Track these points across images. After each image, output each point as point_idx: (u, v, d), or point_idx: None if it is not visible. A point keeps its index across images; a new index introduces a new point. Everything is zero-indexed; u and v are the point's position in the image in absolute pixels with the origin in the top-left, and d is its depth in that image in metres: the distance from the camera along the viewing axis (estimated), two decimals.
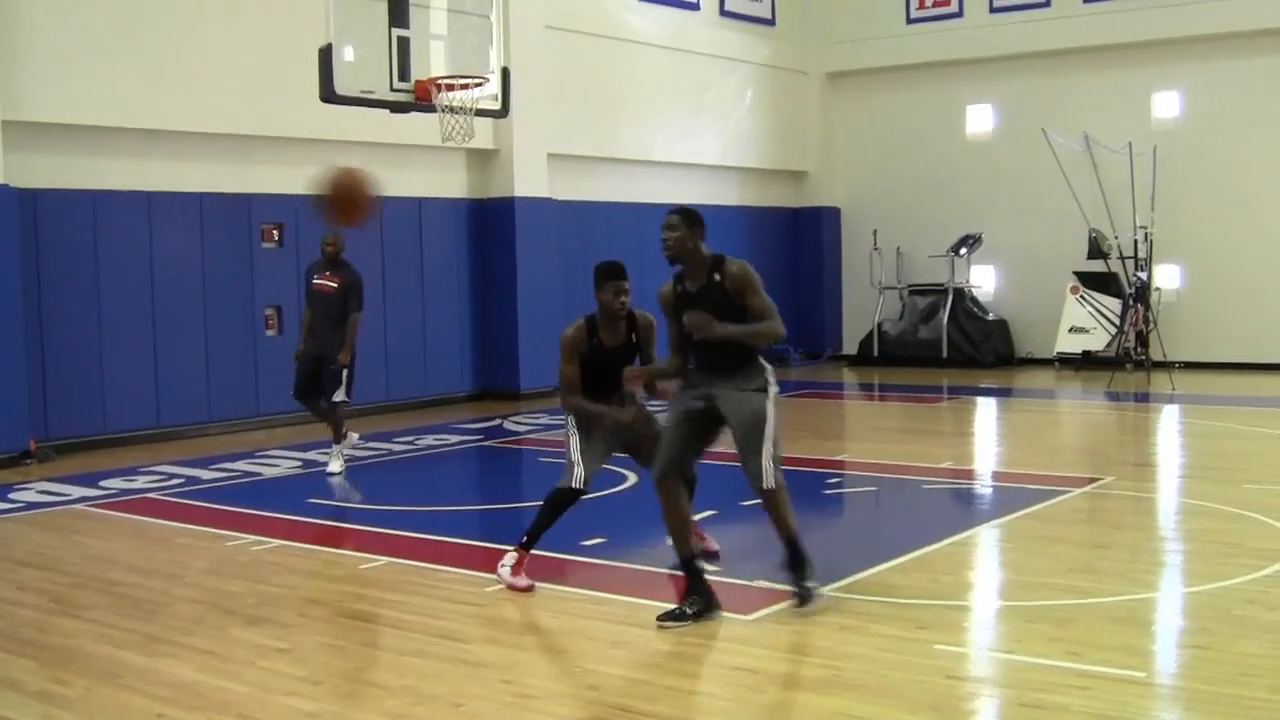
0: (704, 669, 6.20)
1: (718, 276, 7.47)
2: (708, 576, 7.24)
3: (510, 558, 7.77)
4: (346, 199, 8.09)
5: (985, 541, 9.11)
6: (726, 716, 5.64)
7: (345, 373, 12.11)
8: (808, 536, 7.73)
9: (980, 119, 22.54)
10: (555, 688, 5.96)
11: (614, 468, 11.64)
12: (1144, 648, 6.51)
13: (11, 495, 11.40)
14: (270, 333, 15.19)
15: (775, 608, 7.10)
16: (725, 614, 7.04)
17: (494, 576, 7.81)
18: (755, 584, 7.66)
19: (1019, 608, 7.34)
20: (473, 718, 5.57)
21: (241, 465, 12.78)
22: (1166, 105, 20.83)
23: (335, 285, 12.16)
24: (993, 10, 22.05)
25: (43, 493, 11.53)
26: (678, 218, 7.53)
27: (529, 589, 7.62)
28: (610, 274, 8.08)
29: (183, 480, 12.03)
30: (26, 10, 13.35)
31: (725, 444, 7.72)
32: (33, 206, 13.54)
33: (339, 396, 12.15)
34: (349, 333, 12.16)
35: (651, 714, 5.56)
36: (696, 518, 8.10)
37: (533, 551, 7.82)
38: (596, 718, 5.55)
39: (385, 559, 8.62)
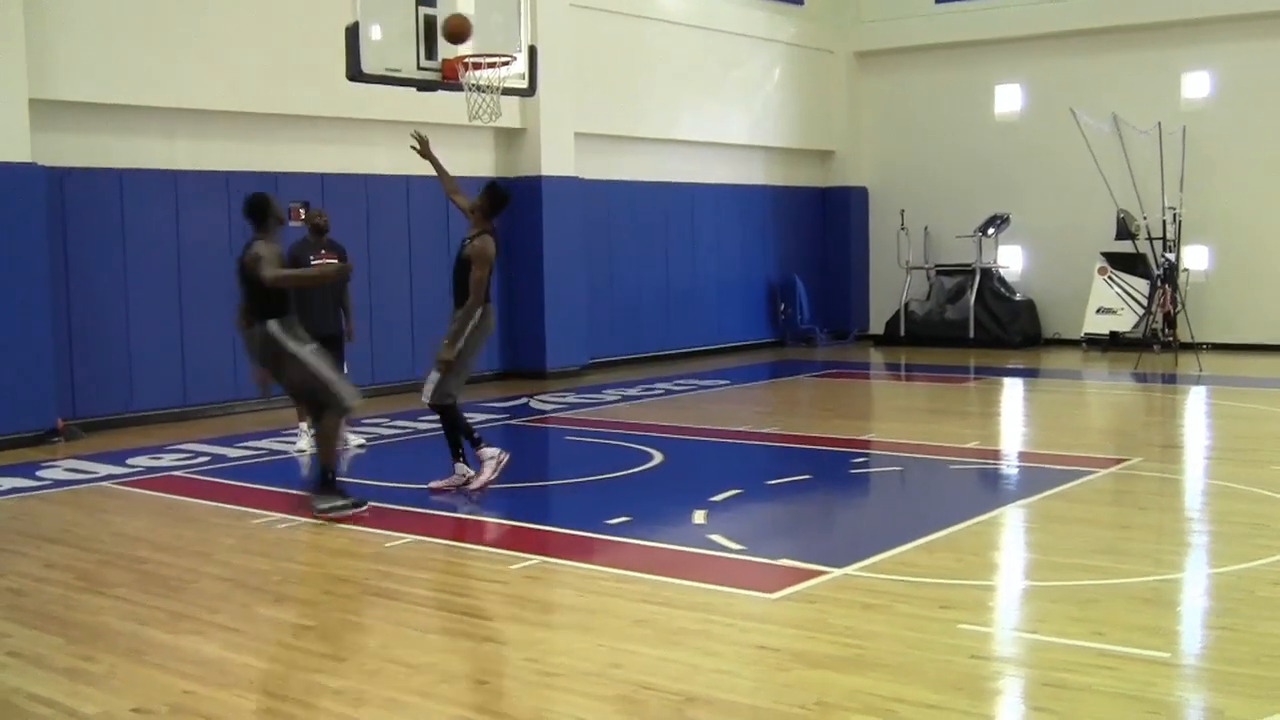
0: (727, 647, 6.20)
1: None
2: None
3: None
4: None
5: (1010, 521, 9.08)
6: (749, 695, 5.63)
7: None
8: (833, 515, 7.77)
9: (1009, 99, 22.43)
10: (579, 665, 5.96)
11: (641, 446, 11.70)
12: (1168, 628, 6.48)
13: (39, 473, 11.46)
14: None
15: (800, 586, 7.10)
16: (750, 592, 7.05)
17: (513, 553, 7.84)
18: (779, 563, 7.65)
19: (1043, 587, 7.33)
20: (496, 695, 5.59)
21: (267, 443, 12.81)
22: (1196, 85, 20.69)
23: (335, 261, 12.09)
24: None
25: (70, 470, 11.59)
26: None
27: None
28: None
29: (209, 458, 12.08)
30: None
31: (745, 425, 7.71)
32: (60, 185, 13.58)
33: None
34: (351, 306, 12.67)
35: (674, 692, 5.56)
36: (722, 496, 8.15)
37: (560, 530, 7.82)
38: (620, 695, 5.55)
39: (411, 537, 8.64)
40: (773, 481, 10.47)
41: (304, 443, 12.31)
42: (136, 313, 14.26)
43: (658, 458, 11.45)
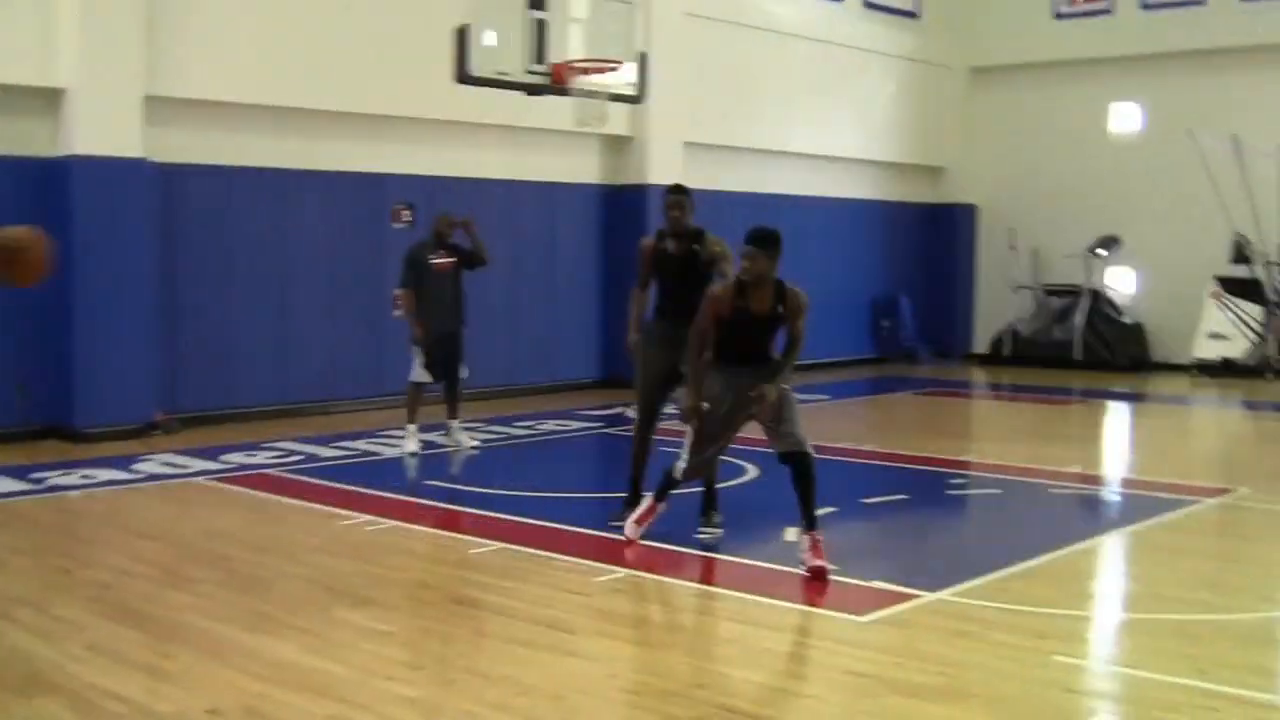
0: (814, 670, 6.05)
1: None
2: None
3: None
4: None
5: (1111, 550, 8.83)
6: None
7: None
8: (929, 537, 7.55)
9: (1124, 118, 21.96)
10: (660, 684, 5.82)
11: (736, 460, 11.54)
12: (1277, 669, 6.21)
13: (135, 466, 11.53)
14: (398, 314, 15.18)
15: (891, 610, 6.91)
16: (839, 614, 6.88)
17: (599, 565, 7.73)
18: (871, 584, 7.47)
19: (1143, 620, 7.09)
20: (573, 712, 5.46)
21: (362, 444, 12.82)
22: None
23: (454, 260, 12.37)
24: (1144, 7, 21.45)
25: (165, 464, 11.65)
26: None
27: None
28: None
29: (302, 457, 12.10)
30: None
31: (843, 441, 7.55)
32: (170, 181, 13.69)
33: (420, 376, 12.54)
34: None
35: (757, 716, 5.42)
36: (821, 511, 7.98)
37: (648, 543, 7.70)
38: (700, 717, 5.40)
39: (497, 544, 8.54)
40: (868, 500, 10.28)
41: (413, 444, 12.35)
42: (239, 309, 14.35)
43: (753, 472, 11.28)
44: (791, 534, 8.53)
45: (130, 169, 13.03)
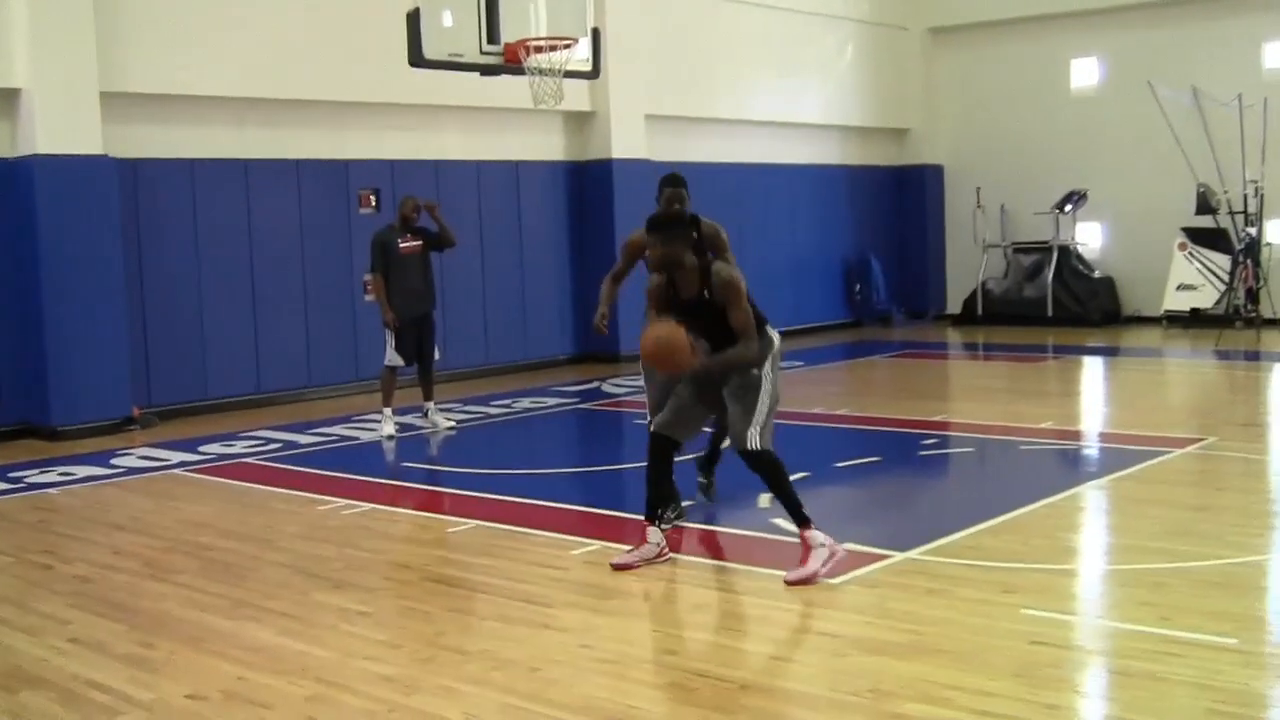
0: (786, 633, 6.14)
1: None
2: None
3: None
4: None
5: (1081, 503, 8.93)
6: (806, 682, 5.58)
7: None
8: (900, 498, 7.66)
9: (1085, 73, 22.08)
10: (633, 652, 5.92)
11: (707, 429, 11.57)
12: (1239, 614, 6.30)
13: (114, 461, 11.61)
14: (369, 298, 15.22)
15: (861, 571, 7.01)
16: None
17: (574, 539, 7.81)
18: (843, 546, 7.55)
19: (1111, 571, 7.22)
20: (549, 683, 5.55)
21: (338, 430, 12.89)
22: (1278, 55, 20.23)
23: (421, 243, 12.47)
24: None
25: (144, 458, 11.72)
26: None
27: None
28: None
29: (280, 445, 12.17)
30: None
31: (818, 406, 7.61)
32: (133, 176, 13.73)
33: (392, 359, 12.66)
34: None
35: (729, 679, 5.51)
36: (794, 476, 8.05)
37: (623, 514, 7.76)
38: (673, 683, 5.51)
39: (475, 523, 8.64)
40: (841, 464, 10.37)
41: (389, 428, 12.43)
42: (210, 301, 14.40)
43: (725, 441, 11.36)
44: (765, 500, 8.63)
45: (92, 166, 13.05)
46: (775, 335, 7.50)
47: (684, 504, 8.51)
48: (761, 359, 7.25)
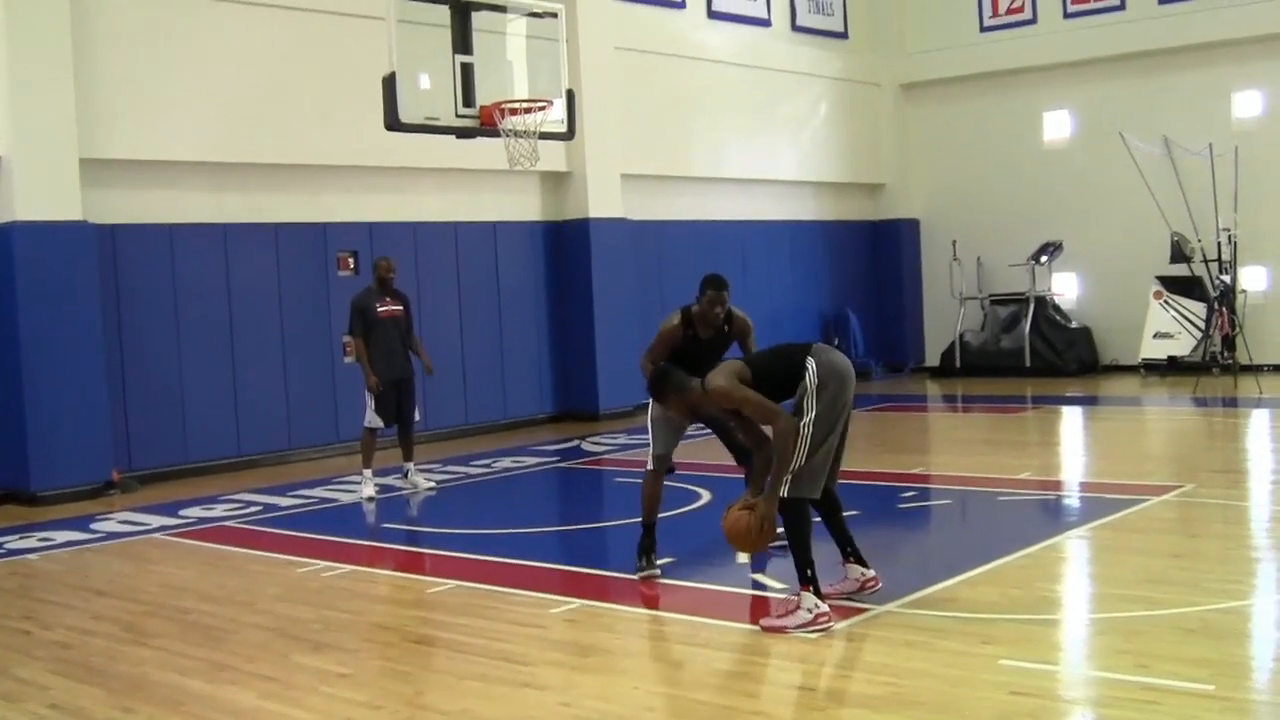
0: (764, 688, 6.15)
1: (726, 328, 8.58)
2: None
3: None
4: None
5: (1059, 553, 8.96)
6: None
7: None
8: (879, 551, 7.68)
9: (1057, 125, 22.29)
10: (612, 709, 5.92)
11: (691, 486, 11.65)
12: (1215, 660, 6.34)
13: (93, 525, 11.59)
14: (348, 360, 15.26)
15: (840, 625, 7.02)
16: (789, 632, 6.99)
17: (554, 597, 7.83)
18: (831, 621, 7.57)
19: (1088, 620, 7.25)
20: None
21: (319, 492, 12.89)
22: (1247, 105, 20.45)
23: (400, 309, 12.52)
24: (1066, 15, 21.80)
25: (124, 522, 11.71)
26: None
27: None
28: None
29: (260, 508, 12.17)
30: (101, 51, 13.60)
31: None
32: (111, 241, 13.78)
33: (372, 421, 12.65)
34: (424, 350, 12.94)
35: None
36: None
37: (603, 573, 7.77)
38: None
39: (454, 582, 8.65)
40: (819, 519, 10.37)
41: (370, 489, 12.44)
42: (189, 365, 14.41)
43: (706, 497, 11.41)
44: (743, 556, 8.66)
45: (71, 231, 13.11)
46: (811, 364, 7.32)
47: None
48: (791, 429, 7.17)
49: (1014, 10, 22.43)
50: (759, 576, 8.28)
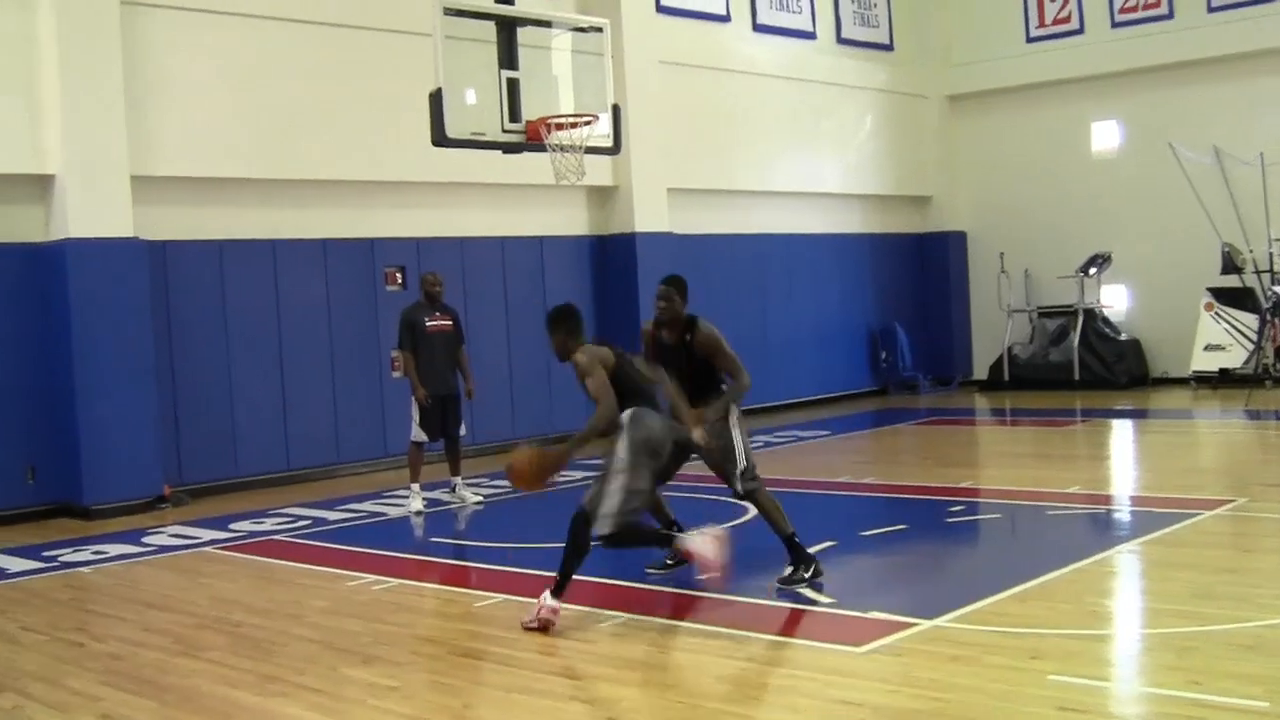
0: (808, 702, 6.13)
1: (688, 337, 8.62)
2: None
3: None
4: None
5: (1109, 568, 8.90)
6: None
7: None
8: (926, 566, 7.65)
9: (1105, 136, 22.16)
10: None
11: (735, 500, 11.61)
12: (1269, 677, 6.27)
13: (145, 539, 11.70)
14: (396, 374, 15.34)
15: (887, 639, 7.01)
16: (835, 646, 6.97)
17: (601, 611, 7.83)
18: (868, 615, 7.57)
19: (1139, 636, 7.20)
20: None
21: (367, 506, 12.96)
22: None
23: (450, 323, 12.55)
24: (1114, 25, 21.68)
25: (175, 536, 11.82)
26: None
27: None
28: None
29: (309, 521, 12.24)
30: (151, 70, 13.75)
31: (844, 475, 7.63)
32: (162, 257, 13.91)
33: (418, 435, 12.66)
34: (469, 367, 12.90)
35: None
36: (816, 549, 8.20)
37: (649, 587, 7.79)
38: None
39: (502, 596, 8.68)
40: (867, 533, 10.37)
41: (418, 503, 12.49)
42: (239, 380, 14.53)
43: (752, 511, 11.35)
44: (788, 571, 8.65)
45: (123, 248, 13.25)
46: (625, 417, 8.01)
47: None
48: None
49: (1060, 20, 22.33)
50: (805, 590, 8.26)
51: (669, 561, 8.97)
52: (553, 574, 7.83)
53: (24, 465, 13.17)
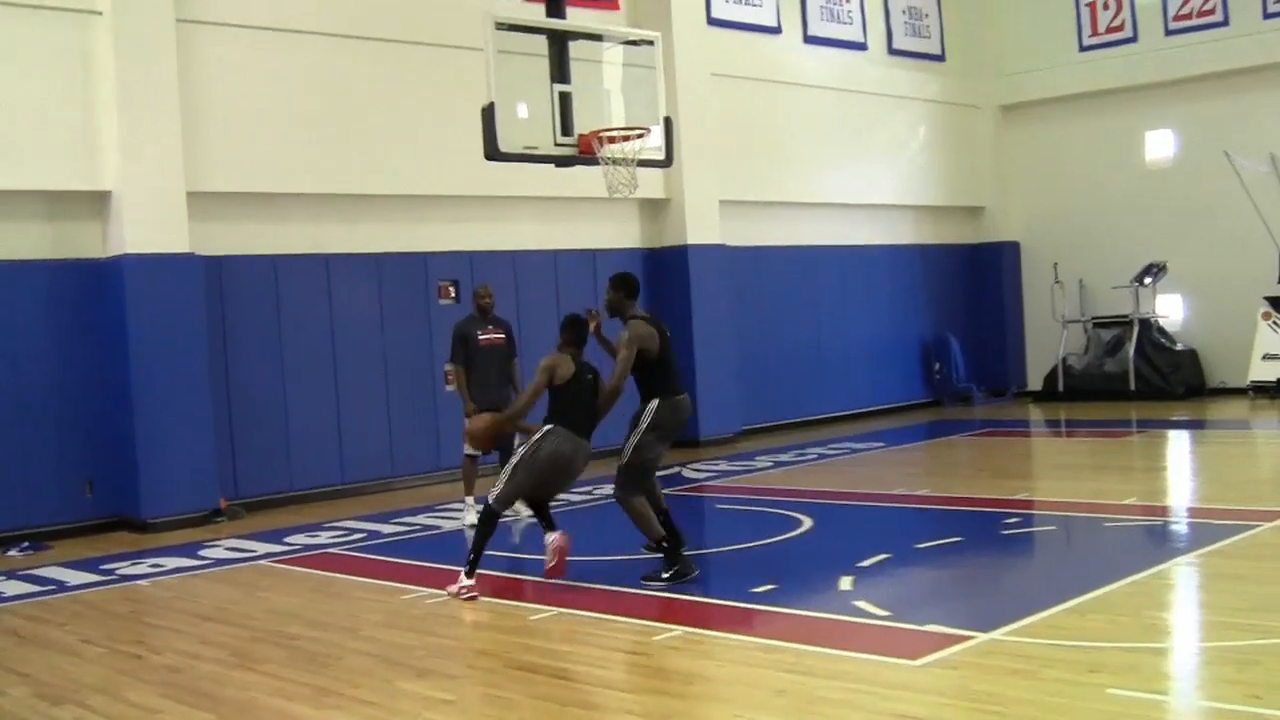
0: (865, 716, 6.10)
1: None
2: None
3: None
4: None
5: (1167, 580, 8.82)
6: None
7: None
8: (982, 578, 7.58)
9: (1160, 144, 21.98)
10: None
11: (792, 513, 11.63)
12: None
13: (201, 552, 11.79)
14: (449, 388, 15.37)
15: (944, 652, 6.97)
16: (892, 659, 6.93)
17: (656, 624, 7.84)
18: (924, 628, 7.53)
19: (1198, 649, 7.12)
20: None
21: (421, 519, 13.00)
22: None
23: (502, 337, 12.54)
24: (1168, 33, 21.53)
25: (230, 549, 11.90)
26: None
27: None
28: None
29: (364, 535, 12.30)
30: (206, 87, 13.89)
31: (898, 487, 7.60)
32: (218, 272, 14.04)
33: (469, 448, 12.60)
34: (520, 380, 12.74)
35: None
36: (870, 561, 8.13)
37: (705, 600, 7.77)
38: None
39: (556, 609, 8.68)
40: (922, 545, 10.32)
41: (472, 516, 12.51)
42: (294, 394, 14.63)
43: (807, 523, 11.37)
44: (846, 583, 8.63)
45: (179, 264, 13.37)
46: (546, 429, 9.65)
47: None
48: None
49: (1114, 29, 22.18)
50: (861, 603, 8.22)
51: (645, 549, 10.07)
52: (612, 588, 7.82)
53: (83, 479, 13.32)
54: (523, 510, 12.78)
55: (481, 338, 12.60)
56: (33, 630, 9.07)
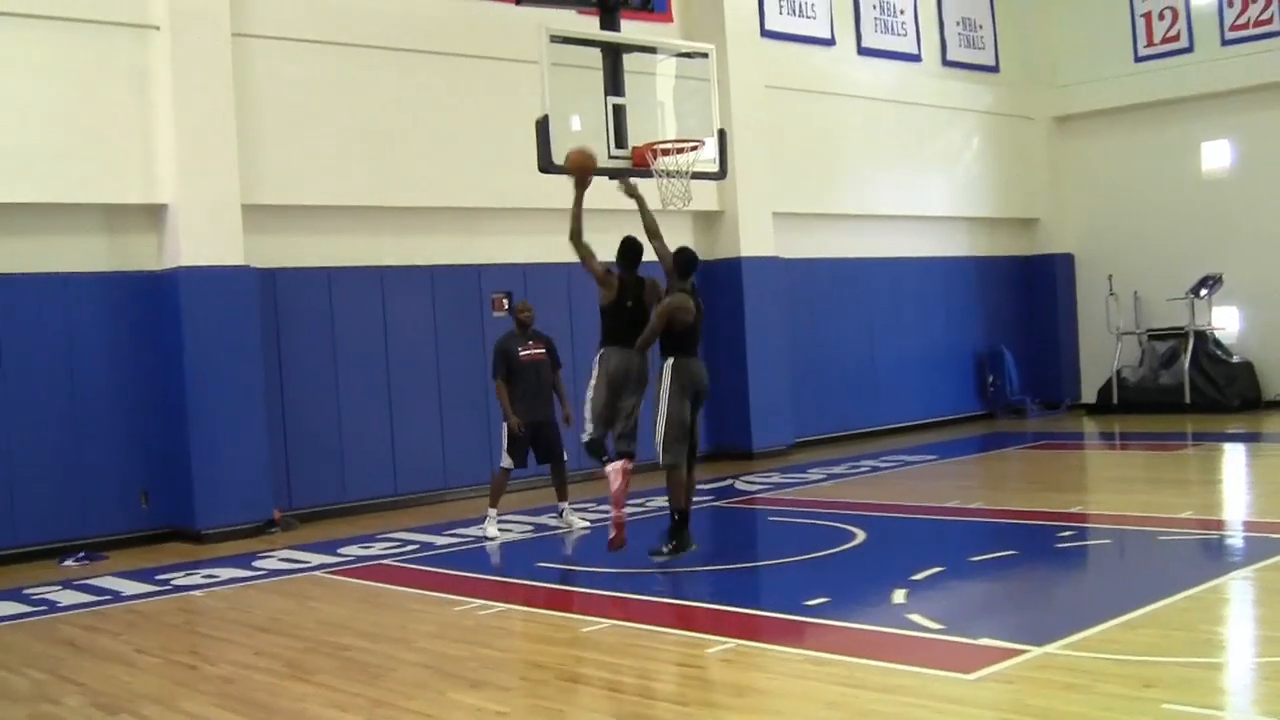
0: None
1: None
2: None
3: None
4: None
5: (1223, 594, 8.74)
6: None
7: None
8: (1036, 592, 7.53)
9: (1216, 155, 21.79)
10: None
11: (845, 525, 11.60)
12: None
13: (255, 563, 11.87)
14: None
15: (998, 666, 6.93)
16: (947, 673, 6.89)
17: (709, 636, 7.84)
18: (978, 642, 7.49)
19: (1254, 664, 7.06)
20: None
21: (474, 531, 13.02)
22: None
23: (543, 351, 12.60)
24: (1225, 43, 21.36)
25: (284, 560, 11.97)
26: None
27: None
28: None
29: (416, 546, 12.35)
30: (261, 101, 14.01)
31: (952, 500, 7.57)
32: (272, 284, 14.14)
33: (506, 462, 12.71)
34: (565, 391, 12.93)
35: None
36: (923, 574, 8.07)
37: (758, 612, 7.76)
38: None
39: (609, 622, 8.68)
40: (976, 558, 10.26)
41: (493, 529, 12.58)
42: (347, 405, 14.72)
43: (860, 536, 11.33)
44: (899, 596, 8.60)
45: (234, 276, 13.49)
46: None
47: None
48: None
49: (1169, 39, 22.03)
50: (915, 616, 8.18)
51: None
52: (664, 600, 7.81)
53: (138, 490, 13.45)
54: (576, 522, 12.85)
55: (522, 353, 12.65)
56: (88, 640, 9.16)
